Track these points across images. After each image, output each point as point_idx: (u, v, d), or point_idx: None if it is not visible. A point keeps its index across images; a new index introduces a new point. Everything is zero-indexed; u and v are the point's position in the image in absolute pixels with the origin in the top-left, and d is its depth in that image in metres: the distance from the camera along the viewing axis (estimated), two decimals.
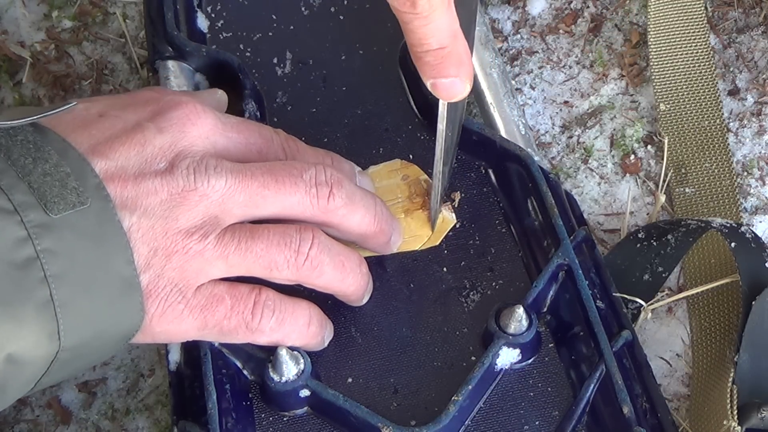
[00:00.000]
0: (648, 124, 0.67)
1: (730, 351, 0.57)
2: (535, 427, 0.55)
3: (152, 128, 0.51)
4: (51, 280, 0.45)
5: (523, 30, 0.70)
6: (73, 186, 0.47)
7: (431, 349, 0.58)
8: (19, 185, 0.46)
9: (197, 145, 0.52)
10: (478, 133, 0.61)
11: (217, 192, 0.51)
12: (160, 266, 0.50)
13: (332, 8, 0.67)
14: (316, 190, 0.53)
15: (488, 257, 0.60)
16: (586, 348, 0.57)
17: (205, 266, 0.51)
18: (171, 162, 0.51)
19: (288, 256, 0.53)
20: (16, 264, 0.45)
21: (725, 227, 0.58)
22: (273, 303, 0.53)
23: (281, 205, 0.53)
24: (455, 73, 0.52)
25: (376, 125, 0.64)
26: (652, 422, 0.55)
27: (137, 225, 0.49)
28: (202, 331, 0.52)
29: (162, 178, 0.50)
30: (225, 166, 0.51)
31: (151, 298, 0.50)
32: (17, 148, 0.47)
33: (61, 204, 0.46)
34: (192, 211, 0.50)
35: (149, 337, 0.51)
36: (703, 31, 0.68)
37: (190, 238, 0.50)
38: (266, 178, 0.52)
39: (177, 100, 0.53)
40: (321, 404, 0.55)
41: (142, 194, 0.49)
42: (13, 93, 0.70)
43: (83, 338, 0.47)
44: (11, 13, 0.72)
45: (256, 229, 0.52)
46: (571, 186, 0.66)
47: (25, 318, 0.45)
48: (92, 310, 0.47)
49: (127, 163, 0.50)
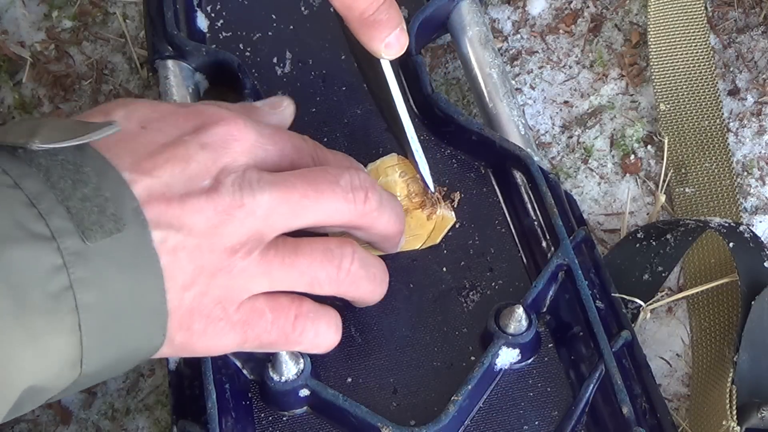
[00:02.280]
0: (648, 124, 0.67)
1: (730, 351, 0.57)
2: (534, 427, 0.55)
3: (195, 144, 0.50)
4: (81, 310, 0.44)
5: (523, 30, 0.70)
6: (112, 212, 0.46)
7: (431, 349, 0.58)
8: (58, 209, 0.44)
9: (239, 160, 0.51)
10: (478, 133, 0.61)
11: (261, 207, 0.50)
12: (204, 284, 0.49)
13: (332, 8, 0.67)
14: (353, 195, 0.53)
15: (488, 257, 0.60)
16: (585, 348, 0.57)
17: (249, 283, 0.51)
18: (215, 179, 0.50)
19: (330, 272, 0.53)
20: (51, 293, 0.43)
21: (723, 227, 0.58)
22: (313, 314, 0.53)
23: (321, 213, 0.52)
24: (399, 21, 0.54)
25: (376, 125, 0.64)
26: (652, 422, 0.55)
27: (182, 244, 0.48)
28: (242, 345, 0.52)
29: (207, 195, 0.49)
30: (266, 179, 0.51)
31: (195, 316, 0.49)
32: (57, 169, 0.45)
33: (98, 232, 0.45)
34: (237, 228, 0.50)
35: (188, 352, 0.51)
36: (703, 31, 0.68)
37: (234, 256, 0.50)
38: (305, 187, 0.52)
39: (219, 115, 0.52)
40: (321, 404, 0.55)
41: (188, 213, 0.48)
42: (13, 93, 0.70)
43: (103, 364, 0.46)
44: (11, 13, 0.73)
45: (298, 245, 0.52)
46: (571, 186, 0.66)
47: (52, 349, 0.44)
48: (116, 338, 0.46)
49: (172, 180, 0.49)
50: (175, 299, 0.48)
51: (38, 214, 0.44)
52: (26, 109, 0.70)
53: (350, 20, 0.54)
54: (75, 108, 0.69)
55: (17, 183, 0.44)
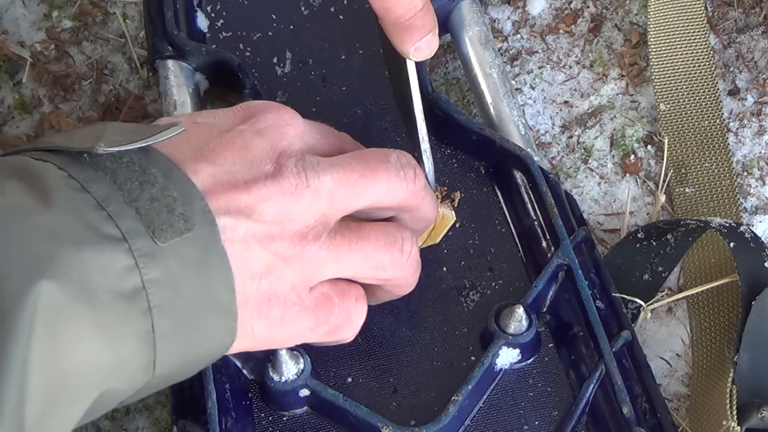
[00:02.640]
0: (648, 124, 0.67)
1: (730, 351, 0.57)
2: (534, 427, 0.55)
3: (251, 131, 0.50)
4: (154, 311, 0.44)
5: (523, 30, 0.70)
6: (181, 212, 0.45)
7: (431, 348, 0.58)
8: (127, 211, 0.44)
9: (295, 144, 0.51)
10: (478, 133, 0.61)
11: (326, 187, 0.50)
12: (281, 270, 0.49)
13: (332, 8, 0.67)
14: (404, 173, 0.53)
15: (488, 257, 0.60)
16: (585, 348, 0.57)
17: (320, 268, 0.51)
18: (277, 162, 0.49)
19: (394, 255, 0.53)
20: (123, 294, 0.43)
21: (724, 227, 0.58)
22: (362, 295, 0.54)
23: (377, 193, 0.52)
24: (433, 26, 0.54)
25: (376, 125, 0.64)
26: (652, 422, 0.55)
27: (253, 230, 0.48)
28: (313, 331, 0.52)
29: (272, 179, 0.49)
30: (325, 161, 0.51)
31: (272, 303, 0.49)
32: (123, 171, 0.45)
33: (169, 231, 0.44)
34: (305, 210, 0.49)
35: (266, 343, 0.51)
36: (703, 31, 0.68)
37: (305, 240, 0.49)
38: (362, 166, 0.51)
39: (267, 104, 0.52)
40: (321, 404, 0.55)
41: (256, 199, 0.48)
42: (13, 93, 0.70)
43: (175, 366, 0.46)
44: (11, 13, 0.72)
45: (362, 228, 0.52)
46: (571, 186, 0.66)
47: (126, 351, 0.43)
48: (188, 339, 0.46)
49: (234, 167, 0.48)
50: (251, 288, 0.48)
51: (107, 215, 0.44)
52: (26, 109, 0.70)
53: (386, 22, 0.54)
54: (75, 108, 0.69)
55: (84, 187, 0.44)
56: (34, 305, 0.40)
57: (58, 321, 0.41)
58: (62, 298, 0.41)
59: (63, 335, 0.41)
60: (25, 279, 0.41)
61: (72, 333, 0.42)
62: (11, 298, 0.40)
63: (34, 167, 0.45)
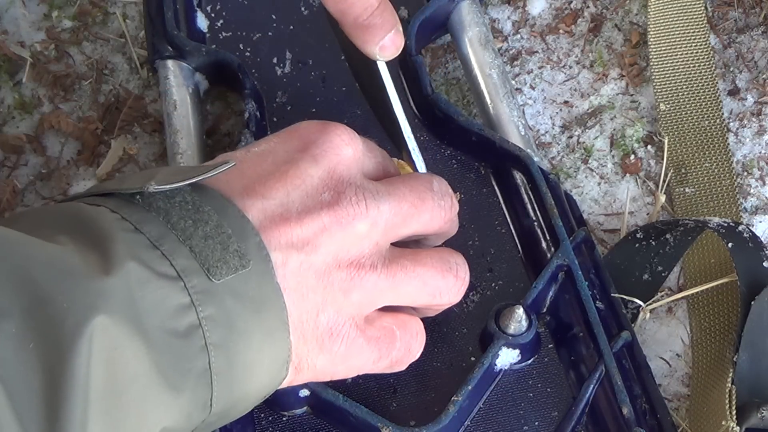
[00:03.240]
0: (648, 124, 0.67)
1: (729, 351, 0.57)
2: (534, 427, 0.55)
3: (306, 159, 0.49)
4: (210, 348, 0.43)
5: (523, 30, 0.70)
6: (235, 249, 0.45)
7: (431, 349, 0.57)
8: (181, 250, 0.44)
9: (353, 168, 0.50)
10: (478, 133, 0.61)
11: (383, 216, 0.49)
12: (339, 302, 0.49)
13: None
14: (443, 202, 0.53)
15: (488, 258, 0.60)
16: (585, 348, 0.57)
17: (378, 297, 0.50)
18: (335, 190, 0.49)
19: (449, 281, 0.53)
20: (178, 332, 0.43)
21: (722, 227, 0.58)
22: (422, 328, 0.54)
23: (421, 222, 0.52)
24: (394, 23, 0.54)
25: (376, 125, 0.63)
26: (652, 423, 0.55)
27: (308, 262, 0.47)
28: (376, 363, 0.52)
29: (329, 209, 0.48)
30: (382, 189, 0.50)
31: (334, 337, 0.49)
32: (176, 211, 0.45)
33: (224, 268, 0.44)
34: (361, 239, 0.49)
35: (328, 376, 0.51)
36: (703, 31, 0.68)
37: (363, 269, 0.49)
38: (413, 196, 0.51)
39: (322, 125, 0.51)
40: (320, 404, 0.55)
41: (311, 230, 0.47)
42: (13, 93, 0.70)
43: (231, 402, 0.46)
44: (11, 13, 0.72)
45: (418, 255, 0.52)
46: (571, 186, 0.66)
47: (183, 389, 0.43)
48: (244, 375, 0.46)
49: (288, 199, 0.48)
50: (309, 322, 0.48)
51: (161, 254, 0.43)
52: (26, 109, 0.70)
53: (345, 24, 0.54)
54: (75, 108, 0.69)
55: (138, 227, 0.44)
56: (90, 343, 0.40)
57: (115, 359, 0.41)
58: (118, 335, 0.41)
59: (120, 374, 0.41)
60: (81, 317, 0.40)
61: (130, 372, 0.41)
62: (68, 337, 0.40)
63: (87, 212, 0.45)
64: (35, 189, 0.67)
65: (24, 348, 0.39)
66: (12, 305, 0.40)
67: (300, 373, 0.49)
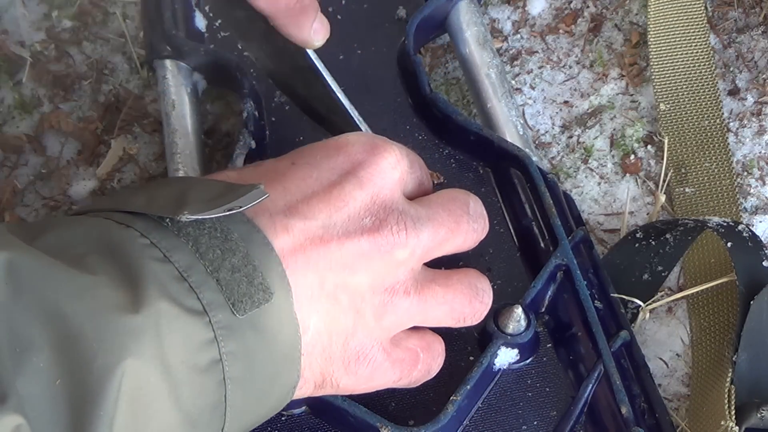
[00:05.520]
0: (648, 124, 0.67)
1: (729, 351, 0.57)
2: (533, 427, 0.55)
3: (352, 181, 0.49)
4: (228, 382, 0.43)
5: (523, 30, 0.70)
6: (260, 282, 0.44)
7: None
8: (208, 282, 0.44)
9: (396, 191, 0.50)
10: (476, 133, 0.61)
11: (421, 244, 0.49)
12: (369, 326, 0.49)
13: (330, 8, 0.67)
14: (476, 225, 0.53)
15: (486, 257, 0.60)
16: (584, 348, 0.57)
17: (407, 321, 0.50)
18: (376, 216, 0.49)
19: (475, 307, 0.53)
20: (200, 368, 0.43)
21: (722, 226, 0.58)
22: (444, 350, 0.54)
23: (455, 245, 0.52)
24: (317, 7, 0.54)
25: (374, 125, 0.63)
26: (650, 422, 0.55)
27: (343, 286, 0.47)
28: (396, 383, 0.52)
29: (369, 235, 0.48)
30: (422, 215, 0.50)
31: (361, 360, 0.49)
32: (205, 239, 0.44)
33: (248, 303, 0.44)
34: (398, 266, 0.49)
35: (347, 392, 0.51)
36: (703, 31, 0.68)
37: (396, 295, 0.49)
38: (450, 220, 0.51)
39: (371, 143, 0.50)
40: (319, 404, 0.55)
41: (350, 254, 0.47)
42: (13, 93, 0.70)
43: (240, 429, 0.46)
44: (11, 13, 0.73)
45: (449, 280, 0.52)
46: (571, 186, 0.65)
47: (198, 423, 0.43)
48: (256, 405, 0.46)
49: (330, 221, 0.47)
50: (337, 344, 0.48)
51: (189, 287, 0.43)
52: (26, 109, 0.70)
53: (278, 15, 0.53)
54: (75, 108, 0.70)
55: (167, 256, 0.44)
56: (119, 385, 0.40)
57: (139, 398, 0.41)
58: (146, 375, 0.41)
59: (142, 413, 0.41)
60: (111, 358, 0.40)
61: (152, 410, 0.41)
62: (97, 377, 0.40)
63: (116, 234, 0.44)
64: (35, 189, 0.67)
65: (51, 385, 0.39)
66: (42, 339, 0.39)
67: (321, 389, 0.49)
